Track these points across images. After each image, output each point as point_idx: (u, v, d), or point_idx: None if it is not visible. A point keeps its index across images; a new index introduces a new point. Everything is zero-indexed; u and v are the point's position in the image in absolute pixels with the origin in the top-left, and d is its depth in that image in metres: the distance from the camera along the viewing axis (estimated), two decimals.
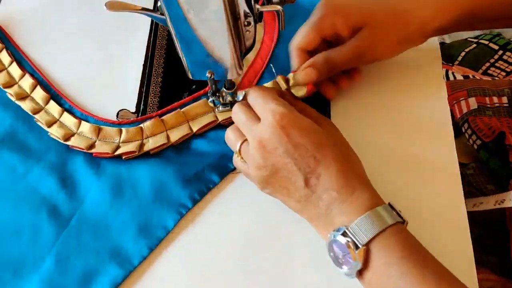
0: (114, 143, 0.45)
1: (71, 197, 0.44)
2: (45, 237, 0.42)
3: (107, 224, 0.42)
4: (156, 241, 0.41)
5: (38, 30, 0.54)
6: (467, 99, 0.58)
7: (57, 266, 0.41)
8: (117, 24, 0.54)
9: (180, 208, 0.42)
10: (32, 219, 0.43)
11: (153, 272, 0.41)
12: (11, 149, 0.47)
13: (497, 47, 0.71)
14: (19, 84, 0.50)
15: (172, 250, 0.41)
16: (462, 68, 0.68)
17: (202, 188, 0.43)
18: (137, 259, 0.40)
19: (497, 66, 0.70)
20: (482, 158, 0.56)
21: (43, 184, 0.45)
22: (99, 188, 0.44)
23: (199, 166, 0.44)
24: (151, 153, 0.45)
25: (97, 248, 0.41)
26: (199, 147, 0.45)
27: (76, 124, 0.47)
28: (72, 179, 0.45)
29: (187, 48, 0.38)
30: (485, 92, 0.59)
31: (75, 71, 0.51)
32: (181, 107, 0.47)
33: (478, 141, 0.56)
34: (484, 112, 0.57)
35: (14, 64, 0.51)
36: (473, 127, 0.56)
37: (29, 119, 0.48)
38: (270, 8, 0.38)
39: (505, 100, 0.58)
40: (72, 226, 0.42)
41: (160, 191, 0.43)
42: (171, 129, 0.46)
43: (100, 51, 0.53)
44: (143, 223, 0.42)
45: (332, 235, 0.35)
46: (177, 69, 0.49)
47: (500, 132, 0.54)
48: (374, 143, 0.45)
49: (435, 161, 0.44)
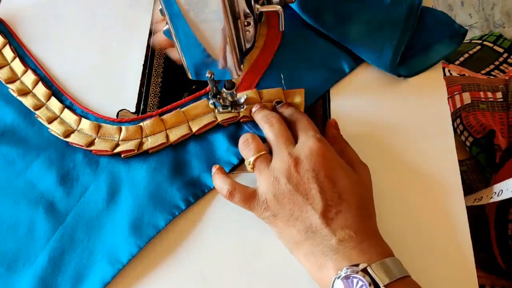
0: (114, 141, 0.45)
1: (68, 193, 0.44)
2: (41, 233, 0.42)
3: (102, 222, 0.42)
4: (146, 239, 0.41)
5: (41, 26, 0.54)
6: (461, 94, 0.58)
7: (50, 263, 0.41)
8: (117, 24, 0.54)
9: (173, 209, 0.42)
10: (29, 214, 0.43)
11: (146, 273, 0.41)
12: (12, 144, 0.47)
13: (502, 50, 0.71)
14: (21, 80, 0.50)
15: (165, 252, 0.41)
16: (459, 67, 0.68)
17: (197, 191, 0.43)
18: (126, 257, 0.40)
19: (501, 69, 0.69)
20: (474, 154, 0.56)
21: (41, 180, 0.45)
22: (97, 185, 0.44)
23: (196, 168, 0.44)
24: (150, 152, 0.45)
25: (90, 246, 0.41)
26: (197, 149, 0.45)
27: (77, 121, 0.47)
28: (71, 175, 0.45)
29: (187, 48, 0.38)
30: (480, 87, 0.59)
31: (76, 68, 0.51)
32: (181, 107, 0.46)
33: (470, 138, 0.56)
34: (478, 106, 0.57)
35: (17, 59, 0.51)
36: (464, 123, 0.56)
37: (30, 115, 0.48)
38: (270, 8, 0.38)
39: (500, 95, 0.58)
40: (67, 223, 0.42)
41: (155, 191, 0.43)
42: (170, 128, 0.46)
43: (101, 50, 0.53)
44: (136, 222, 0.42)
45: (345, 270, 0.33)
46: (177, 69, 0.49)
47: (490, 130, 0.54)
48: (374, 143, 0.45)
49: (434, 160, 0.44)
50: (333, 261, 0.34)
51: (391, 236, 0.39)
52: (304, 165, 0.36)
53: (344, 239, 0.34)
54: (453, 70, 0.66)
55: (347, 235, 0.34)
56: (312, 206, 0.35)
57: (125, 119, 0.47)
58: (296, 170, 0.36)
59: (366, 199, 0.38)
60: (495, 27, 1.29)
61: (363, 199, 0.37)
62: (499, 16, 1.29)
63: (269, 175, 0.37)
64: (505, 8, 1.31)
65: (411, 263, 0.36)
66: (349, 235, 0.34)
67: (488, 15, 1.29)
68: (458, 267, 0.39)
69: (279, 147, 0.38)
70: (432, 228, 0.41)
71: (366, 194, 0.38)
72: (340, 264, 0.34)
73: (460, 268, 0.39)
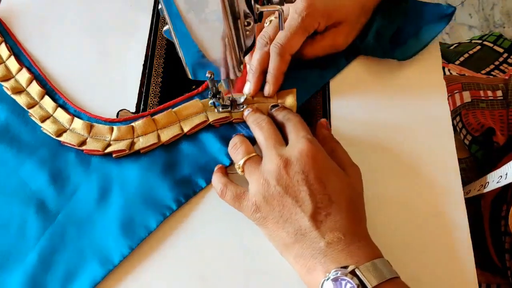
0: (105, 141, 0.45)
1: (59, 192, 0.44)
2: (31, 232, 0.42)
3: (93, 222, 0.42)
4: (138, 240, 0.41)
5: (38, 25, 0.54)
6: (461, 92, 0.58)
7: (40, 262, 0.41)
8: (117, 24, 0.54)
9: (164, 210, 0.42)
10: (20, 213, 0.43)
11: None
12: (5, 142, 0.47)
13: (502, 50, 0.71)
14: (16, 78, 0.50)
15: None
16: (459, 67, 0.68)
17: (188, 192, 0.43)
18: (117, 258, 0.40)
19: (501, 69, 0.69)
20: (472, 152, 0.56)
21: (33, 178, 0.45)
22: (88, 185, 0.44)
23: (187, 169, 0.44)
24: (141, 152, 0.45)
25: (80, 246, 0.41)
26: (189, 149, 0.45)
27: (69, 120, 0.47)
28: (62, 175, 0.45)
29: (187, 48, 0.38)
30: (480, 86, 0.59)
31: (76, 68, 0.51)
32: (173, 107, 0.47)
33: (468, 136, 0.56)
34: (478, 105, 0.57)
35: (12, 58, 0.51)
36: (464, 122, 0.56)
37: (24, 114, 0.48)
38: (270, 8, 0.38)
39: (500, 93, 0.58)
40: (58, 222, 0.43)
41: (146, 191, 0.43)
42: (162, 128, 0.46)
43: (101, 50, 0.52)
44: (127, 222, 0.42)
45: (334, 273, 0.33)
46: (177, 69, 0.49)
47: (488, 128, 0.54)
48: (373, 142, 0.45)
49: (434, 160, 0.44)
50: (322, 264, 0.34)
51: (391, 236, 0.39)
52: (294, 167, 0.36)
53: (333, 242, 0.34)
54: (453, 69, 0.66)
55: (336, 237, 0.34)
56: (302, 209, 0.35)
57: (117, 119, 0.47)
58: (286, 172, 0.36)
59: (356, 202, 0.38)
60: (495, 27, 1.29)
61: (353, 202, 0.37)
62: (499, 16, 1.29)
63: (259, 177, 0.37)
64: (505, 8, 1.31)
65: (411, 263, 0.36)
66: (338, 237, 0.34)
67: (488, 15, 1.29)
68: (458, 267, 0.39)
69: (269, 149, 0.38)
70: (432, 227, 0.41)
71: (356, 196, 0.38)
72: (329, 267, 0.34)
73: (460, 268, 0.39)
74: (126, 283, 0.40)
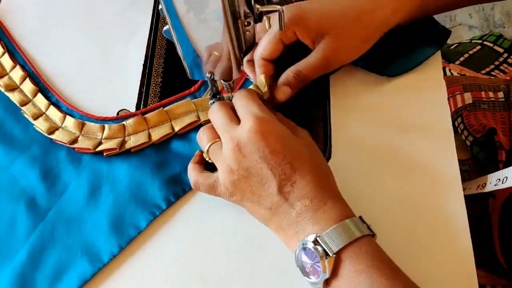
0: (97, 139, 0.46)
1: (50, 190, 0.44)
2: (21, 229, 0.42)
3: (82, 220, 0.42)
4: (128, 239, 0.41)
5: (38, 24, 0.55)
6: (463, 94, 0.58)
7: (29, 259, 0.41)
8: (117, 24, 0.54)
9: (154, 209, 0.42)
10: (10, 209, 0.44)
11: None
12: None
13: (502, 50, 0.71)
14: (10, 75, 0.50)
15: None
16: (459, 67, 0.68)
17: (177, 191, 0.43)
18: (107, 257, 0.40)
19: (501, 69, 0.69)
20: (474, 153, 0.56)
21: (24, 175, 0.45)
22: (79, 183, 0.44)
23: (177, 168, 0.44)
24: (132, 151, 0.45)
25: (70, 243, 0.41)
26: (179, 148, 0.45)
27: (61, 118, 0.47)
28: (53, 172, 0.45)
29: (187, 48, 0.38)
30: (481, 87, 0.59)
31: (74, 68, 0.52)
32: (165, 106, 0.47)
33: (470, 137, 0.56)
34: (479, 106, 0.57)
35: (6, 55, 0.52)
36: (465, 123, 0.56)
37: (17, 111, 0.48)
38: (270, 8, 0.37)
39: (501, 95, 0.58)
40: (48, 220, 0.43)
41: (136, 190, 0.43)
42: (153, 127, 0.46)
43: (100, 50, 0.53)
44: (117, 221, 0.42)
45: (302, 243, 0.34)
46: (177, 69, 0.49)
47: (490, 128, 0.54)
48: (374, 143, 0.45)
49: (434, 161, 0.44)
50: (296, 234, 0.36)
51: (391, 235, 0.39)
52: (248, 147, 0.36)
53: (302, 211, 0.35)
54: (454, 69, 0.66)
55: (303, 205, 0.35)
56: (268, 185, 0.36)
57: (109, 117, 0.47)
58: (243, 155, 0.36)
59: (316, 161, 0.38)
60: (495, 27, 1.29)
61: (314, 162, 0.37)
62: (499, 16, 1.29)
63: (223, 163, 0.38)
64: (505, 8, 1.31)
65: (411, 263, 0.36)
66: (305, 205, 0.35)
67: (488, 15, 1.29)
68: (458, 267, 0.39)
69: (222, 135, 0.38)
70: (432, 227, 0.41)
71: (315, 155, 0.38)
72: (299, 236, 0.35)
73: (460, 268, 0.39)
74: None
